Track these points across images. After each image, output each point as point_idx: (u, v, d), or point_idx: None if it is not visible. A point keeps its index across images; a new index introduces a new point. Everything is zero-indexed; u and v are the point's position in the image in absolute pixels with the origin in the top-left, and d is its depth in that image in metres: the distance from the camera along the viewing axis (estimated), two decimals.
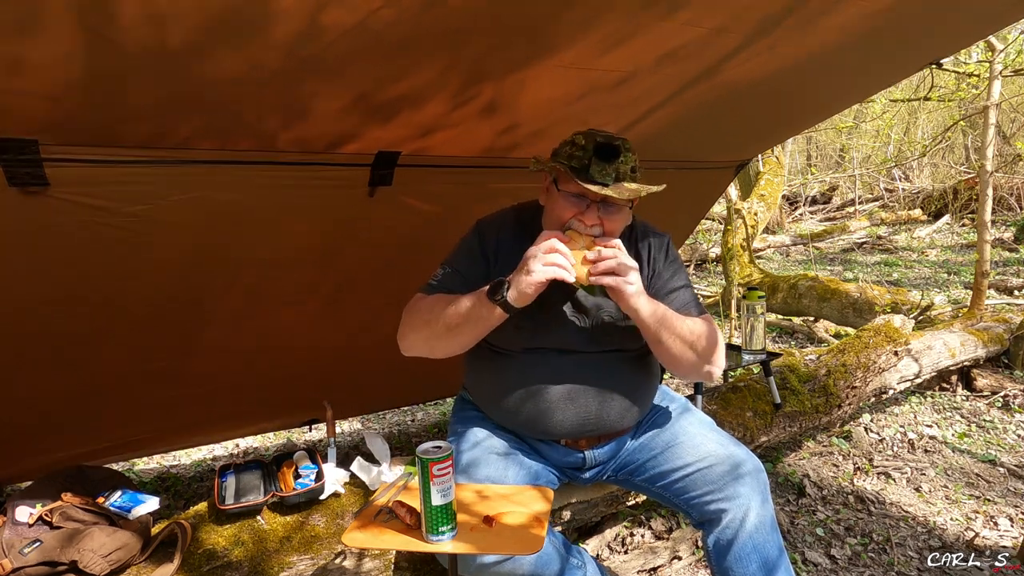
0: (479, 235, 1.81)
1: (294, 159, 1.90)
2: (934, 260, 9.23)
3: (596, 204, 1.61)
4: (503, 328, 1.64)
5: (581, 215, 1.62)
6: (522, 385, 1.75)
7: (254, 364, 2.49)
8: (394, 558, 1.83)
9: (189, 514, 1.96)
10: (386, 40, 1.47)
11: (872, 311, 5.28)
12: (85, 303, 1.95)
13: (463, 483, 1.59)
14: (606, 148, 1.58)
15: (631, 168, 1.62)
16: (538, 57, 1.72)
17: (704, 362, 1.70)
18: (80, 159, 1.63)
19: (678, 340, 1.64)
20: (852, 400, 3.02)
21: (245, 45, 1.39)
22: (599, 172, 1.57)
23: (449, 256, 1.82)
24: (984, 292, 5.03)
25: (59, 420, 2.28)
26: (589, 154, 1.58)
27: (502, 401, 1.80)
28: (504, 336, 1.72)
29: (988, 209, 5.05)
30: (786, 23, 1.82)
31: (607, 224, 1.64)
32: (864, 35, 2.02)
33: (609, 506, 2.31)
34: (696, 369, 1.74)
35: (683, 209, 3.62)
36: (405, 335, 1.74)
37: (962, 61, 6.19)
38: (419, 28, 1.46)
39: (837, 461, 3.20)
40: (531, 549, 1.31)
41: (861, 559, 2.43)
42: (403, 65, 1.60)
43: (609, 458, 1.86)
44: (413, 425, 3.94)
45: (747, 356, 2.73)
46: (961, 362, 3.98)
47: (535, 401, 1.74)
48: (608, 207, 1.62)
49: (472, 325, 1.61)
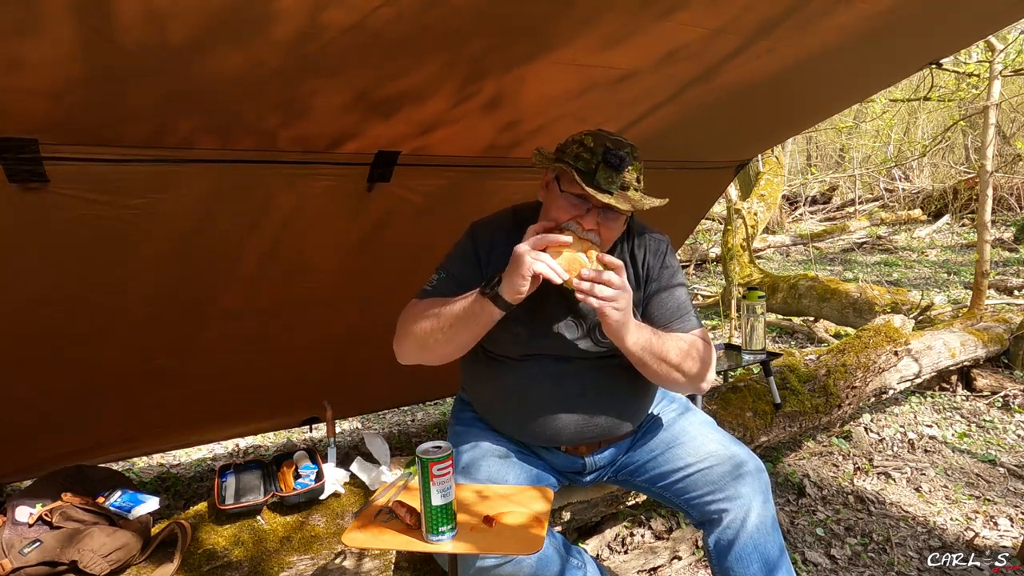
0: (472, 237, 1.78)
1: (294, 158, 1.90)
2: (934, 260, 9.23)
3: (597, 209, 1.58)
4: (499, 334, 1.63)
5: (580, 218, 1.58)
6: (520, 392, 1.74)
7: (253, 363, 2.49)
8: (394, 558, 1.83)
9: (189, 514, 1.96)
10: (386, 38, 1.47)
11: (872, 311, 5.29)
12: (84, 302, 1.95)
13: (463, 483, 1.59)
14: (615, 156, 1.54)
15: (636, 178, 1.59)
16: (539, 54, 1.72)
17: (691, 381, 1.68)
18: (80, 158, 1.63)
19: (664, 364, 1.61)
20: (852, 400, 3.02)
21: (246, 43, 1.39)
22: (605, 179, 1.53)
23: (443, 261, 1.79)
24: (984, 292, 5.04)
25: (58, 419, 2.28)
26: (598, 159, 1.54)
27: (501, 408, 1.80)
28: (500, 343, 1.70)
29: (988, 209, 5.06)
30: (786, 24, 1.82)
31: (604, 231, 1.61)
32: (864, 35, 2.02)
33: (609, 506, 2.31)
34: (682, 389, 1.73)
35: (683, 209, 3.62)
36: (400, 342, 1.71)
37: (962, 61, 6.19)
38: (419, 26, 1.45)
39: (837, 461, 3.20)
40: (531, 549, 1.31)
41: (861, 559, 2.43)
42: (404, 63, 1.60)
43: (610, 462, 1.85)
44: (413, 425, 3.94)
45: (747, 356, 2.73)
46: (961, 362, 3.98)
47: (534, 408, 1.73)
48: (608, 214, 1.59)
49: (466, 324, 1.58)
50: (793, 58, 2.08)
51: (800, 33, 1.91)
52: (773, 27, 1.82)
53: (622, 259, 1.66)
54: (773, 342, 5.54)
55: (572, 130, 1.65)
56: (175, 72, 1.43)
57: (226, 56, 1.41)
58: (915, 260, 9.32)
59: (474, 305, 1.54)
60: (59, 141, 1.56)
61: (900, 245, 10.73)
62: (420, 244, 2.26)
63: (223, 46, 1.38)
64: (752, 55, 1.96)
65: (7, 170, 1.55)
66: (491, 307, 1.51)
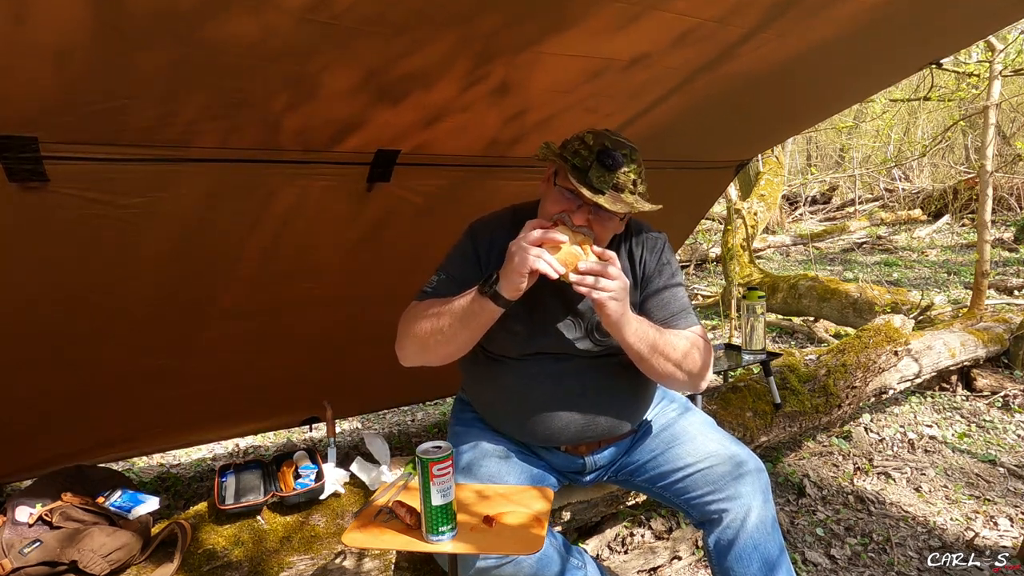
0: (471, 237, 1.78)
1: (294, 157, 1.90)
2: (934, 260, 9.23)
3: (588, 207, 1.57)
4: (498, 334, 1.63)
5: (571, 213, 1.58)
6: (520, 392, 1.74)
7: (253, 363, 2.49)
8: (394, 558, 1.83)
9: (189, 514, 1.96)
10: (399, 8, 1.44)
11: (872, 311, 5.29)
12: (84, 302, 1.95)
13: (463, 483, 1.59)
14: (610, 156, 1.54)
15: (633, 180, 1.57)
16: (551, 33, 1.68)
17: (690, 379, 1.68)
18: (79, 157, 1.62)
19: (663, 359, 1.61)
20: (852, 400, 3.02)
21: (259, 9, 1.36)
22: (598, 178, 1.53)
23: (443, 262, 1.79)
24: (984, 292, 5.04)
25: (58, 419, 2.28)
26: (593, 157, 1.55)
27: (501, 408, 1.80)
28: (499, 342, 1.71)
29: (988, 209, 5.06)
30: (790, 14, 1.81)
31: (598, 228, 1.60)
32: (864, 33, 2.02)
33: (609, 506, 2.31)
34: (681, 386, 1.73)
35: (683, 209, 3.62)
36: (401, 344, 1.70)
37: (962, 61, 6.19)
38: (431, 1, 1.44)
39: (837, 461, 3.20)
40: (531, 549, 1.31)
41: (861, 559, 2.43)
42: (416, 37, 1.56)
43: (610, 462, 1.85)
44: (413, 425, 3.94)
45: (747, 356, 2.73)
46: (961, 362, 3.98)
47: (534, 408, 1.73)
48: (600, 212, 1.58)
49: (466, 323, 1.57)
50: (796, 49, 2.06)
51: (803, 26, 1.90)
52: (780, 15, 1.81)
53: (620, 258, 1.66)
54: (773, 342, 5.54)
55: (579, 122, 1.64)
56: (185, 36, 1.38)
57: (239, 21, 1.37)
58: (915, 260, 9.32)
59: (473, 304, 1.54)
60: (59, 139, 1.55)
61: (900, 245, 10.73)
62: (420, 244, 2.26)
63: (236, 8, 1.34)
64: (761, 41, 1.93)
65: (7, 169, 1.55)
66: (490, 305, 1.51)
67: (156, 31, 1.36)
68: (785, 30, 1.91)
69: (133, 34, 1.36)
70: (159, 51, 1.42)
